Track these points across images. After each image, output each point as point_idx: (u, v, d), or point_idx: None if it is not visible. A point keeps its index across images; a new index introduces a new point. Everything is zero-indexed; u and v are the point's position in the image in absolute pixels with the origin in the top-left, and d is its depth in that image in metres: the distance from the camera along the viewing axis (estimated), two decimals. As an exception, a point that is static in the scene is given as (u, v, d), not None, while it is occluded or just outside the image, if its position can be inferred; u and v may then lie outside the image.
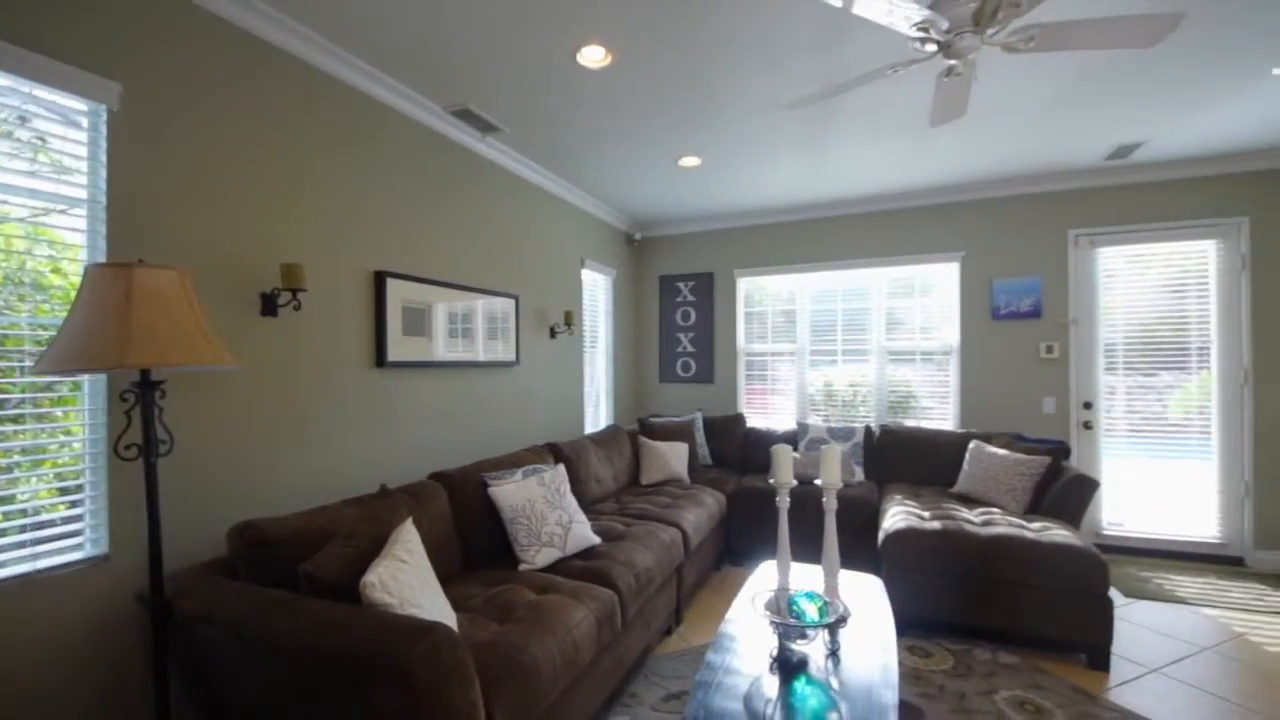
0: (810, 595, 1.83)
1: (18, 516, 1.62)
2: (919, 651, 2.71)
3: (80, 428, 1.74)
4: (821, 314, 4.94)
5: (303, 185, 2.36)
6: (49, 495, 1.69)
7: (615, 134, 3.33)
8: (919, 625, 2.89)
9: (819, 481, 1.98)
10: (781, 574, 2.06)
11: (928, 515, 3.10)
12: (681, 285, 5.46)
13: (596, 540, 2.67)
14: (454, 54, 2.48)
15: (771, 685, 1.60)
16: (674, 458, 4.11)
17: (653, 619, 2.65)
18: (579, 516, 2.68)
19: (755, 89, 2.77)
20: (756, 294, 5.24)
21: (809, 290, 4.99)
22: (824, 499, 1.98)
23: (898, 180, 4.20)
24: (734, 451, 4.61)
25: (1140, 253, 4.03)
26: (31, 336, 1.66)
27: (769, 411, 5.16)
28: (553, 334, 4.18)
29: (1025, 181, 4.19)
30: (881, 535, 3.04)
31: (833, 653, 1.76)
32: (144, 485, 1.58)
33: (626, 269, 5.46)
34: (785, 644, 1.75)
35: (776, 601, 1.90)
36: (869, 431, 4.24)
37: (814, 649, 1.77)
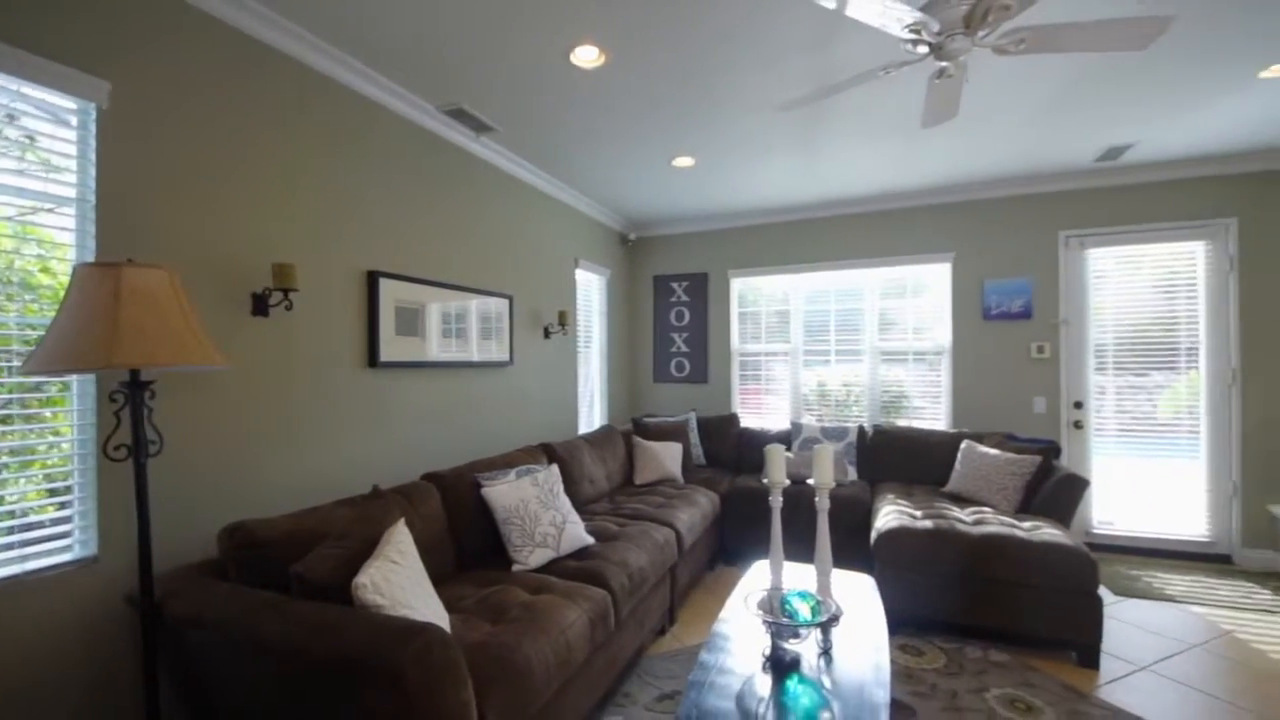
0: (803, 594, 1.84)
1: (6, 518, 1.61)
2: (911, 650, 2.72)
3: (69, 428, 1.73)
4: (815, 314, 4.96)
5: (295, 184, 2.35)
6: (38, 496, 1.68)
7: (609, 134, 3.33)
8: (911, 624, 2.90)
9: (812, 481, 1.99)
10: (774, 573, 2.07)
11: (920, 514, 3.11)
12: (676, 285, 5.46)
13: (590, 540, 2.67)
14: (447, 53, 2.47)
15: (764, 684, 1.61)
16: (668, 458, 4.11)
17: (646, 619, 2.65)
18: (572, 517, 2.67)
19: (749, 89, 2.78)
20: (750, 294, 5.25)
21: (803, 290, 5.01)
22: (816, 498, 1.99)
23: (890, 181, 4.22)
24: (728, 451, 4.62)
25: (1130, 254, 4.06)
26: (20, 336, 1.65)
27: (763, 411, 5.17)
28: (547, 334, 4.18)
29: (1016, 183, 4.22)
30: (874, 534, 3.05)
31: (825, 651, 1.77)
32: (134, 486, 1.57)
33: (621, 269, 5.46)
34: (778, 643, 1.76)
35: (769, 601, 1.90)
36: (862, 431, 4.25)
37: (807, 648, 1.77)
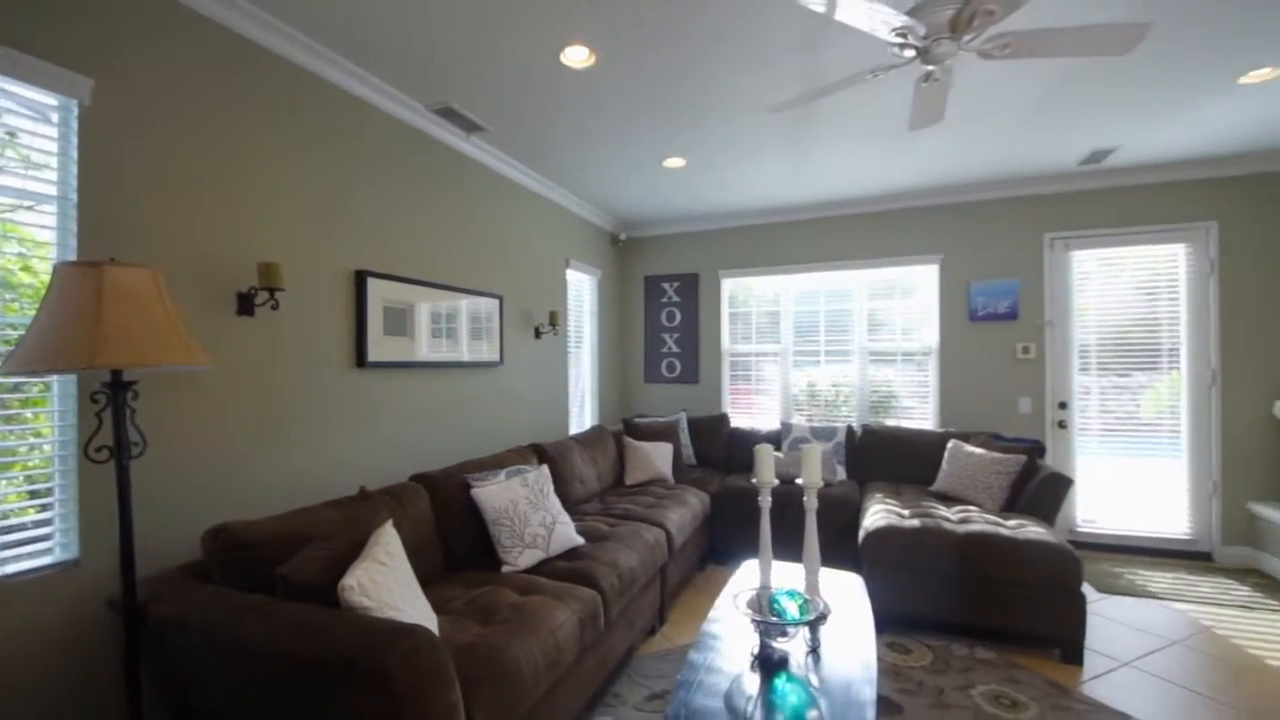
0: (791, 593, 1.85)
1: (-17, 521, 1.58)
2: (898, 648, 2.74)
3: (50, 429, 1.70)
4: (805, 315, 4.99)
5: (283, 184, 2.34)
6: (18, 499, 1.65)
7: (599, 134, 3.33)
8: (899, 622, 2.93)
9: (801, 481, 2.00)
10: (763, 572, 2.08)
11: (907, 513, 3.14)
12: (667, 286, 5.47)
13: (580, 541, 2.67)
14: (437, 53, 2.46)
15: (752, 683, 1.61)
16: (659, 458, 4.12)
17: (636, 619, 2.65)
18: (562, 517, 2.67)
19: (739, 90, 2.79)
20: (741, 295, 5.27)
21: (793, 291, 5.03)
22: (805, 498, 2.00)
23: (879, 183, 4.26)
24: (719, 451, 4.63)
25: (1113, 256, 4.12)
26: (-2, 336, 1.62)
27: (753, 411, 5.19)
28: (537, 334, 4.17)
29: (1002, 185, 4.27)
30: (862, 533, 3.07)
31: (813, 650, 1.78)
32: (116, 488, 1.55)
33: (611, 269, 5.46)
34: (766, 642, 1.77)
35: (758, 600, 1.91)
36: (851, 431, 4.28)
37: (795, 646, 1.78)
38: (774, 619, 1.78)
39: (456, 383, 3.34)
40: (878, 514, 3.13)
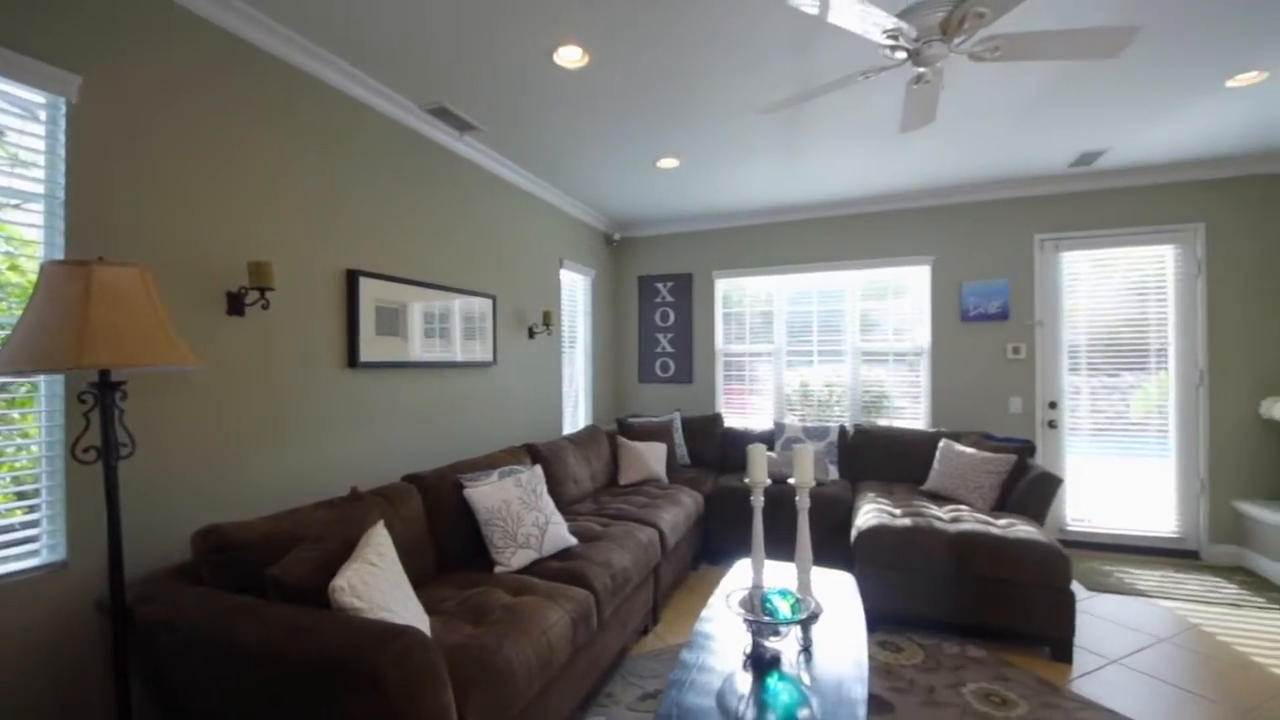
0: (783, 593, 1.85)
1: (-31, 522, 1.57)
2: (890, 646, 2.76)
3: (37, 430, 1.69)
4: (798, 315, 5.00)
5: (275, 184, 2.32)
6: (5, 500, 1.63)
7: (593, 134, 3.33)
8: (890, 620, 2.94)
9: (793, 480, 2.01)
10: (756, 572, 2.08)
11: (899, 513, 3.16)
12: (660, 286, 5.48)
13: (573, 541, 2.67)
14: (432, 53, 2.46)
15: (745, 682, 1.62)
16: (652, 458, 4.12)
17: (629, 619, 2.65)
18: (556, 517, 2.67)
19: (732, 91, 2.80)
20: (735, 295, 5.29)
21: (786, 292, 5.05)
22: (797, 498, 2.01)
23: (871, 184, 4.28)
24: (712, 451, 4.64)
25: (1102, 257, 4.16)
26: (-16, 336, 1.60)
27: (747, 411, 5.20)
28: (531, 334, 4.17)
29: (993, 187, 4.30)
30: (854, 532, 3.09)
31: (805, 649, 1.79)
32: (104, 489, 1.54)
33: (605, 269, 5.46)
34: (759, 641, 1.77)
35: (751, 599, 1.92)
36: (843, 431, 4.30)
37: (787, 645, 1.79)
38: (766, 618, 1.78)
39: (449, 383, 3.33)
40: (870, 513, 3.14)
